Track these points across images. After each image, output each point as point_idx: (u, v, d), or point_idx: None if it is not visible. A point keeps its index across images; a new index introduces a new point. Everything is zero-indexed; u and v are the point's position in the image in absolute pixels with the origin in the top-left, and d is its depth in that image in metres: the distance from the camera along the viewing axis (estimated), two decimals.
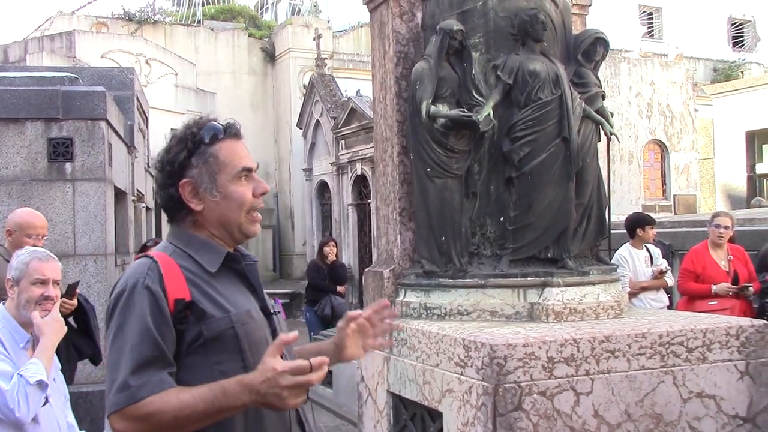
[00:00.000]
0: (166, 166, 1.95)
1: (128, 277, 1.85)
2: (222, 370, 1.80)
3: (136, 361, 1.73)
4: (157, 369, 1.74)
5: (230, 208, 1.94)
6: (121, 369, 1.73)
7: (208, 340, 1.81)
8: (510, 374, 3.32)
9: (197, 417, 1.71)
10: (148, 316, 1.77)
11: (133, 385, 1.71)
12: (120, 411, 1.71)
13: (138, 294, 1.80)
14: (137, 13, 21.35)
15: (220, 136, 1.96)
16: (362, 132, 14.70)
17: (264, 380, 1.68)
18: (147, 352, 1.74)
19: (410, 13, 4.53)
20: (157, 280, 1.82)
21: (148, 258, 1.89)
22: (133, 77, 9.31)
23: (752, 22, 30.29)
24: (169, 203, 1.96)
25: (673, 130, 18.30)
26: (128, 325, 1.78)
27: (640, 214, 7.72)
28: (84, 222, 6.38)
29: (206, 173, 1.93)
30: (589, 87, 4.41)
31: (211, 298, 1.86)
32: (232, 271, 1.96)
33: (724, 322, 3.92)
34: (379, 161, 4.76)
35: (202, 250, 1.92)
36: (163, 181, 1.95)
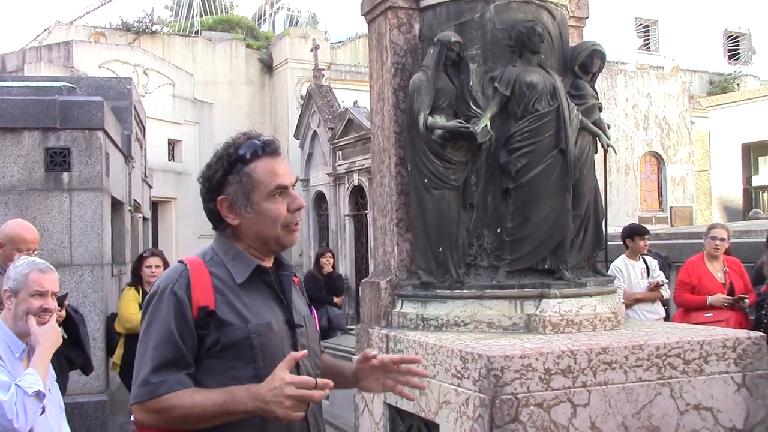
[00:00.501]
0: (206, 183, 2.08)
1: (161, 281, 2.02)
2: (235, 375, 1.94)
3: (157, 361, 1.91)
4: (176, 369, 1.91)
5: (264, 224, 2.05)
6: (144, 365, 1.92)
7: (225, 347, 1.95)
8: (507, 386, 3.32)
9: (206, 416, 1.88)
10: (172, 320, 1.93)
11: (152, 382, 1.89)
12: (141, 403, 1.91)
13: (166, 298, 1.96)
14: (135, 24, 21.37)
15: (257, 154, 2.05)
16: (359, 143, 14.72)
17: (271, 388, 1.82)
18: (168, 354, 1.91)
19: (408, 24, 4.55)
20: (184, 287, 1.96)
21: (182, 264, 2.03)
22: (131, 87, 9.31)
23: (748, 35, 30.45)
24: (210, 216, 2.10)
25: (669, 142, 18.35)
26: (154, 325, 1.95)
27: (633, 224, 7.72)
28: (80, 232, 6.37)
29: (241, 191, 2.03)
30: (586, 99, 4.43)
31: (234, 307, 1.98)
32: (263, 282, 2.07)
33: (721, 334, 3.92)
34: (377, 172, 4.77)
35: (236, 260, 2.05)
36: (204, 195, 2.09)
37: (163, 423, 1.90)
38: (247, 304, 2.00)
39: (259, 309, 2.02)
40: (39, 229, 6.19)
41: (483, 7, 4.28)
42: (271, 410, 1.82)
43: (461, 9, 4.33)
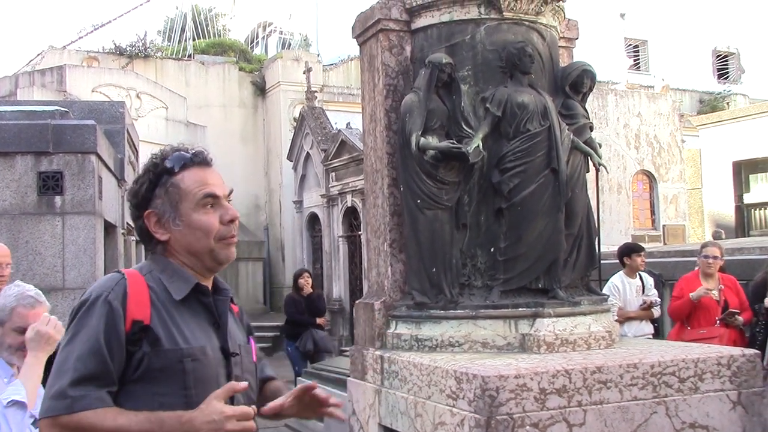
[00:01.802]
0: (133, 198, 1.95)
1: (94, 288, 1.85)
2: (162, 402, 1.77)
3: (79, 373, 1.72)
4: (98, 386, 1.73)
5: (195, 237, 1.91)
6: (62, 377, 1.73)
7: (154, 370, 1.78)
8: (502, 406, 3.30)
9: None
10: (101, 331, 1.76)
11: (70, 396, 1.70)
12: (53, 418, 1.71)
13: (98, 307, 1.79)
14: (128, 48, 21.45)
15: (185, 164, 1.93)
16: (352, 164, 14.75)
17: (208, 421, 1.70)
18: (92, 367, 1.73)
19: (399, 46, 4.58)
20: (120, 297, 1.80)
21: (118, 273, 1.87)
22: (124, 111, 9.33)
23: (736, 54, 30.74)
24: (141, 235, 1.97)
25: (660, 160, 18.45)
26: (81, 335, 1.77)
27: (629, 243, 7.79)
28: (73, 255, 6.35)
29: (168, 203, 1.91)
30: (577, 118, 4.46)
31: (168, 327, 1.81)
32: (200, 303, 1.92)
33: (716, 352, 3.92)
34: (370, 193, 4.78)
35: (174, 277, 1.89)
36: (133, 213, 1.97)
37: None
38: (182, 325, 1.84)
39: (194, 331, 1.85)
40: (31, 253, 6.20)
41: (474, 29, 4.32)
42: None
43: (452, 31, 4.37)
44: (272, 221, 21.37)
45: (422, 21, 4.49)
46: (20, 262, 5.93)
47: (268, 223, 21.48)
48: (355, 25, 4.88)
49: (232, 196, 2.02)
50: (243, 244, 19.91)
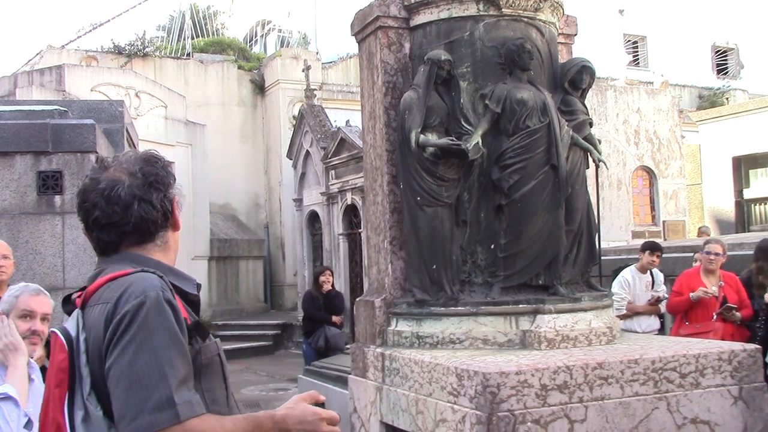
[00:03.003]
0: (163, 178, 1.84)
1: (145, 288, 1.66)
2: (213, 398, 1.74)
3: (176, 378, 1.58)
4: (191, 389, 1.63)
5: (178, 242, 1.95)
6: (159, 385, 1.56)
7: (202, 366, 1.73)
8: (503, 402, 3.30)
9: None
10: (178, 331, 1.64)
11: (178, 403, 1.56)
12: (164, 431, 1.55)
13: (163, 307, 1.64)
14: (127, 47, 21.43)
15: None
16: (352, 162, 14.75)
17: (301, 421, 1.69)
18: (183, 368, 1.62)
19: (398, 43, 4.58)
20: (171, 295, 1.69)
21: (152, 273, 1.72)
22: (123, 110, 9.31)
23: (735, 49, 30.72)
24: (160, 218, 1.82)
25: (660, 156, 18.44)
26: (156, 338, 1.60)
27: (649, 240, 7.96)
28: (73, 255, 6.34)
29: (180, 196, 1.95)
30: (577, 115, 4.46)
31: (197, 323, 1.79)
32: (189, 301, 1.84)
33: (717, 347, 3.92)
34: (369, 190, 4.77)
35: (173, 275, 1.80)
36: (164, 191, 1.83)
37: None
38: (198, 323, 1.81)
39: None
40: (31, 253, 6.20)
41: (472, 26, 4.32)
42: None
43: (451, 28, 4.37)
44: (272, 219, 21.37)
45: (421, 18, 4.49)
46: (20, 261, 5.93)
47: (268, 221, 21.49)
48: (353, 23, 4.87)
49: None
50: (243, 242, 19.92)
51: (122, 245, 1.82)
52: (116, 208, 1.78)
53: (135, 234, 1.81)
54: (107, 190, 1.79)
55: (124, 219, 1.79)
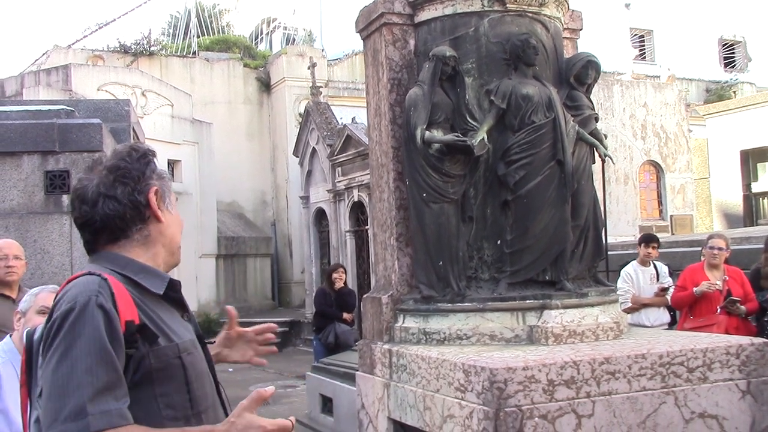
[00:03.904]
0: (134, 172, 1.81)
1: (76, 294, 1.64)
2: (168, 402, 1.69)
3: (94, 386, 1.53)
4: (116, 398, 1.57)
5: (177, 230, 1.90)
6: (74, 394, 1.52)
7: (154, 370, 1.68)
8: (510, 398, 3.31)
9: None
10: (104, 338, 1.58)
11: (91, 414, 1.51)
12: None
13: (90, 312, 1.60)
14: (133, 46, 21.50)
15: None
16: (358, 159, 14.76)
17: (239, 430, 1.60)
18: (105, 376, 1.56)
19: (403, 40, 4.58)
20: (109, 298, 1.64)
21: (95, 275, 1.69)
22: (129, 109, 9.35)
23: (743, 42, 30.58)
24: (129, 213, 1.79)
25: (667, 150, 18.40)
26: (79, 346, 1.57)
27: (645, 233, 7.96)
28: (81, 254, 6.37)
29: (164, 187, 1.88)
30: (582, 110, 4.45)
31: (157, 324, 1.72)
32: (169, 299, 1.83)
33: (724, 341, 3.91)
34: (376, 187, 4.78)
35: (142, 274, 1.77)
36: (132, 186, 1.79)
37: None
38: (166, 322, 1.76)
39: (175, 326, 1.78)
40: (39, 252, 6.23)
41: (477, 22, 4.31)
42: None
43: (456, 24, 4.36)
44: (279, 217, 21.41)
45: (425, 14, 4.49)
46: (29, 261, 5.95)
47: (275, 218, 21.53)
48: (358, 20, 4.88)
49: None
50: (251, 240, 19.97)
51: (98, 244, 1.81)
52: (85, 207, 1.79)
53: (105, 232, 1.80)
54: (80, 190, 1.81)
55: (93, 217, 1.78)
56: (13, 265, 4.43)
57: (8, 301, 4.42)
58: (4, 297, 4.46)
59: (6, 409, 3.01)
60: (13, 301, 4.37)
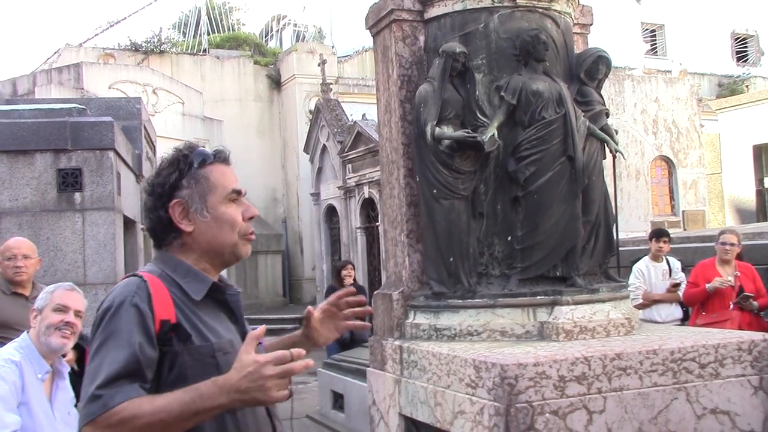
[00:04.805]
0: (156, 189, 1.93)
1: (116, 294, 1.81)
2: None
3: (108, 374, 1.69)
4: (131, 382, 1.70)
5: (222, 230, 1.93)
6: (94, 382, 1.69)
7: (188, 368, 1.78)
8: (521, 394, 3.31)
9: (172, 420, 1.67)
10: (133, 333, 1.73)
11: (103, 395, 1.67)
12: (93, 422, 1.67)
13: (125, 311, 1.76)
14: (144, 44, 21.57)
15: (210, 160, 1.97)
16: (369, 155, 14.76)
17: (245, 375, 1.65)
18: (123, 367, 1.70)
19: (413, 36, 4.58)
20: (145, 298, 1.78)
21: (137, 277, 1.85)
22: (141, 107, 9.39)
23: (755, 36, 30.36)
24: (158, 226, 1.94)
25: (679, 145, 18.31)
26: (111, 340, 1.73)
27: (655, 228, 7.90)
28: (94, 251, 6.42)
29: (197, 194, 1.92)
30: (593, 105, 4.43)
31: (195, 325, 1.83)
32: (215, 301, 1.93)
33: (736, 337, 3.90)
34: (386, 184, 4.79)
35: (188, 277, 1.89)
36: (153, 203, 1.93)
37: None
38: (206, 323, 1.86)
39: (216, 327, 1.88)
40: (52, 250, 6.28)
41: (487, 17, 4.31)
42: (251, 398, 1.66)
43: (465, 20, 4.36)
44: (290, 214, 21.46)
45: (435, 10, 4.48)
46: (42, 258, 6.00)
47: (286, 215, 21.57)
48: (368, 16, 4.88)
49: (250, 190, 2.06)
50: (261, 237, 20.00)
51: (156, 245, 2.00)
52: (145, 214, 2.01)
53: (155, 238, 1.98)
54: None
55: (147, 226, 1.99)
56: (22, 264, 4.46)
57: (21, 298, 4.46)
58: (17, 295, 4.50)
59: (27, 402, 3.05)
60: (27, 298, 4.40)
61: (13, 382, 3.04)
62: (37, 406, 3.08)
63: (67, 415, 3.21)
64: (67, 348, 3.26)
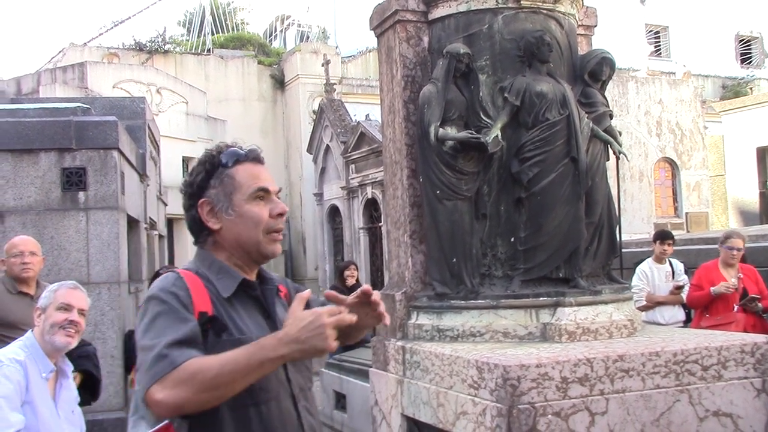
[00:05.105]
0: (188, 188, 2.03)
1: (156, 286, 1.91)
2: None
3: (173, 338, 1.76)
4: (192, 347, 1.77)
5: (247, 227, 1.97)
6: (156, 347, 1.75)
7: None
8: (524, 395, 3.31)
9: (239, 371, 1.71)
10: (179, 309, 1.83)
11: (170, 354, 1.73)
12: (161, 380, 1.71)
13: (167, 296, 1.85)
14: (148, 43, 21.61)
15: (239, 160, 2.01)
16: (372, 156, 14.78)
17: (304, 326, 1.71)
18: (184, 335, 1.78)
19: (417, 37, 4.58)
20: (183, 290, 1.87)
21: (174, 273, 1.94)
22: (145, 106, 9.40)
23: (760, 38, 30.32)
24: (193, 225, 2.03)
25: (683, 147, 18.30)
26: (159, 319, 1.81)
27: (659, 230, 7.87)
28: (97, 250, 6.43)
29: (222, 193, 1.98)
30: (597, 107, 4.43)
31: (230, 318, 1.90)
32: (248, 296, 1.99)
33: (739, 339, 3.90)
34: (389, 184, 4.79)
35: (220, 274, 1.96)
36: (186, 202, 2.03)
37: (192, 393, 1.70)
38: (236, 318, 1.92)
39: (246, 324, 1.93)
40: (56, 248, 6.29)
41: (491, 19, 4.31)
42: (310, 346, 1.70)
43: (470, 21, 4.36)
44: (293, 214, 21.46)
45: (439, 11, 4.49)
46: (45, 257, 6.01)
47: (289, 215, 21.50)
48: (372, 17, 4.88)
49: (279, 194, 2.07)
50: None
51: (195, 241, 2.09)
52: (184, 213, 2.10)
53: (193, 236, 2.07)
54: None
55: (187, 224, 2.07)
56: (29, 261, 4.48)
57: (26, 297, 4.47)
58: (23, 294, 4.51)
59: (32, 401, 3.06)
60: (32, 297, 4.41)
61: (18, 381, 3.04)
62: (41, 404, 3.09)
63: (71, 414, 3.22)
64: (71, 346, 3.27)
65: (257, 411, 1.87)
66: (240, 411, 1.84)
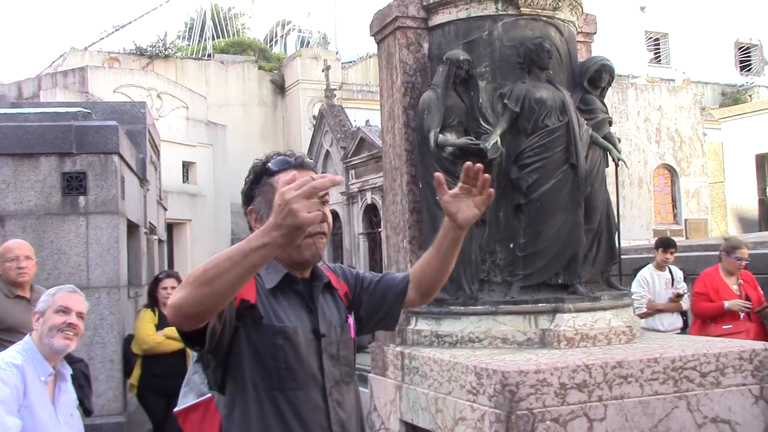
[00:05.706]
0: (242, 197, 2.16)
1: None
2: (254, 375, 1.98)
3: None
4: None
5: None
6: None
7: (253, 345, 1.98)
8: (522, 401, 3.32)
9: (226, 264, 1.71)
10: None
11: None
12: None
13: None
14: (149, 48, 21.65)
15: (283, 167, 2.08)
16: (372, 161, 14.79)
17: (277, 211, 1.67)
18: None
19: (417, 43, 4.60)
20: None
21: None
22: (145, 111, 9.41)
23: (759, 45, 30.39)
24: (249, 229, 2.11)
25: (682, 154, 18.31)
26: None
27: (662, 237, 7.87)
28: (97, 255, 6.43)
29: (263, 201, 2.07)
30: (596, 113, 4.45)
31: (267, 309, 2.02)
32: (293, 291, 2.10)
33: (737, 346, 3.90)
34: (389, 190, 4.80)
35: (269, 268, 2.07)
36: (243, 209, 2.16)
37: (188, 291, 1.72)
38: (278, 309, 2.04)
39: (288, 315, 2.05)
40: (56, 253, 6.29)
41: (491, 25, 4.33)
42: (287, 228, 1.65)
43: (470, 27, 4.38)
44: None
45: (439, 18, 4.50)
46: (45, 261, 6.02)
47: None
48: (372, 23, 4.90)
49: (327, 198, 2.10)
50: None
51: None
52: None
53: None
54: None
55: None
56: (25, 265, 4.48)
57: (23, 301, 4.47)
58: (19, 298, 4.51)
59: (31, 405, 3.06)
60: (28, 301, 4.41)
61: (15, 385, 3.04)
62: (40, 408, 3.08)
63: (70, 417, 3.22)
64: (70, 349, 3.27)
65: (285, 397, 1.99)
66: (269, 392, 1.98)
